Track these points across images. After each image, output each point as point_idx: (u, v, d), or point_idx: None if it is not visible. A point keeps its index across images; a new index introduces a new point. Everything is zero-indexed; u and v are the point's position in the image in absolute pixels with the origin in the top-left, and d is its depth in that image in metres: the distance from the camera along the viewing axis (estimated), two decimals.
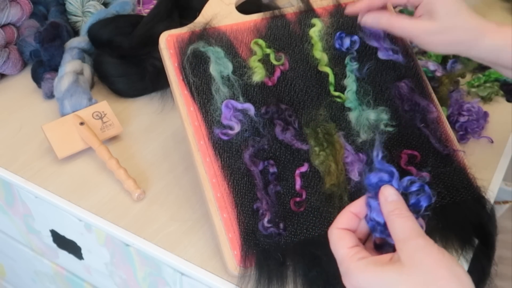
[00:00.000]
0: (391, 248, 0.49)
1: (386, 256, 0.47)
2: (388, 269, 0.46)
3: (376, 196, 0.50)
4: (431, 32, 0.63)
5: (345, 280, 0.48)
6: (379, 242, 0.52)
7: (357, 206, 0.51)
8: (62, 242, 0.80)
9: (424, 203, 0.50)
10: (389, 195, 0.49)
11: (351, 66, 0.70)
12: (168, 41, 0.68)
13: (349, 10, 0.70)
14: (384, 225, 0.49)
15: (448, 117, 0.79)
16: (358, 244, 0.49)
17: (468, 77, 0.92)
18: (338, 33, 0.71)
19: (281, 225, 0.61)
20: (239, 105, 0.66)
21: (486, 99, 0.88)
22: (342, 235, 0.50)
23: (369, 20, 0.67)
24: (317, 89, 0.69)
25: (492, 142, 0.80)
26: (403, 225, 0.48)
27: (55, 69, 0.89)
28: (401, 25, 0.65)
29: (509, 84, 0.90)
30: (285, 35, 0.71)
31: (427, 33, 0.64)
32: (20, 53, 0.95)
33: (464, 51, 0.64)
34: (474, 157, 0.74)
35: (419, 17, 0.65)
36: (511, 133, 0.82)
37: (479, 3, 1.12)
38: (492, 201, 0.69)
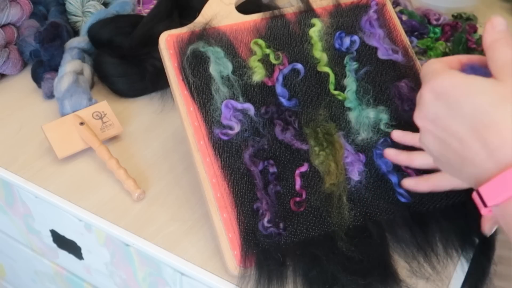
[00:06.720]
0: None
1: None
2: (480, 78, 0.46)
3: None
4: None
5: (426, 84, 0.49)
6: None
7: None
8: (62, 242, 0.80)
9: None
10: (498, 24, 0.48)
11: (351, 65, 0.70)
12: (168, 41, 0.68)
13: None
14: None
15: None
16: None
17: None
18: (337, 33, 0.71)
19: (281, 225, 0.61)
20: (239, 105, 0.66)
21: None
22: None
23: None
24: (317, 89, 0.69)
25: None
26: (506, 53, 0.47)
27: (55, 69, 0.89)
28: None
29: None
30: (285, 35, 0.71)
31: None
32: (20, 53, 0.95)
33: None
34: None
35: None
36: None
37: (479, 4, 1.12)
38: None
